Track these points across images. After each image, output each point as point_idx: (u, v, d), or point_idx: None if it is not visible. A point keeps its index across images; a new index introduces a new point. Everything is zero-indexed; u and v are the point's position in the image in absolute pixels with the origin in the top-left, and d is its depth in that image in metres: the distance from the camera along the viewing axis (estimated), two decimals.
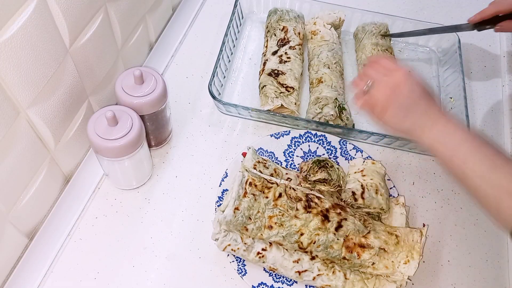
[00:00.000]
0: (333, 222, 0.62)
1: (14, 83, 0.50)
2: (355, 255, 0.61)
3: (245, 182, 0.63)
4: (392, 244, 0.62)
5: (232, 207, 0.61)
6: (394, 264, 0.61)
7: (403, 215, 0.67)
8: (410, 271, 0.60)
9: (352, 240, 0.62)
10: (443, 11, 1.01)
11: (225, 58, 0.83)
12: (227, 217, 0.60)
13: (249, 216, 0.62)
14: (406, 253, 0.61)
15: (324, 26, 0.86)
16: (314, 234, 0.62)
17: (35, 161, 0.60)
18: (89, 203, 0.68)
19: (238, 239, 0.61)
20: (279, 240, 0.62)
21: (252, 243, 0.62)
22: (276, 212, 0.62)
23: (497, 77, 0.91)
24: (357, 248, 0.61)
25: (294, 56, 0.83)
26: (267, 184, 0.65)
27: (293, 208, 0.63)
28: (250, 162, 0.69)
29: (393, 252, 0.62)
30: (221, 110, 0.79)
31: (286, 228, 0.62)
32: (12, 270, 0.61)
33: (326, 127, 0.75)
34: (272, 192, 0.64)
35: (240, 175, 0.64)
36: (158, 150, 0.74)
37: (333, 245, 0.61)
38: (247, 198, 0.62)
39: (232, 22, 0.85)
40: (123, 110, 0.60)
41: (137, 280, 0.62)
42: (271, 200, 0.63)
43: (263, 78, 0.81)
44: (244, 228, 0.61)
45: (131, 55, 0.79)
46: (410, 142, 0.74)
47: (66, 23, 0.56)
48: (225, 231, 0.61)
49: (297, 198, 0.64)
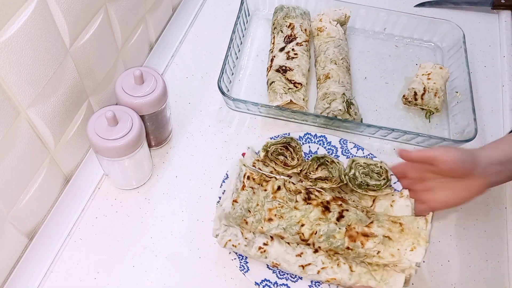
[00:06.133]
0: (334, 213, 0.61)
1: (14, 83, 0.50)
2: (358, 244, 0.59)
3: (243, 175, 0.63)
4: (397, 231, 0.60)
5: (230, 199, 0.60)
6: (400, 252, 0.59)
7: (409, 207, 0.65)
8: (418, 258, 0.58)
9: (355, 229, 0.60)
10: None
11: (233, 55, 0.84)
12: (225, 209, 0.60)
13: (248, 209, 0.61)
14: (412, 240, 0.60)
15: (330, 22, 0.87)
16: (315, 224, 0.60)
17: (35, 161, 0.60)
18: (89, 203, 0.68)
19: (239, 234, 0.61)
20: (279, 232, 0.61)
21: (253, 237, 0.61)
22: (275, 204, 0.62)
23: (497, 77, 0.91)
24: (361, 237, 0.60)
25: (301, 52, 0.83)
26: (265, 177, 0.64)
27: (292, 200, 0.62)
28: (250, 160, 0.68)
29: (398, 239, 0.60)
30: (230, 106, 0.80)
31: (286, 220, 0.61)
32: (12, 270, 0.61)
33: (334, 122, 0.76)
34: (270, 185, 0.63)
35: (238, 168, 0.63)
36: (158, 150, 0.74)
37: (335, 235, 0.60)
38: (245, 191, 0.61)
39: (239, 20, 0.86)
40: (123, 110, 0.60)
41: (137, 280, 0.62)
42: (270, 192, 0.62)
43: (271, 74, 0.82)
44: (243, 221, 0.61)
45: (131, 55, 0.79)
46: (417, 136, 0.75)
47: (66, 23, 0.56)
48: (225, 226, 0.60)
49: (297, 191, 0.63)
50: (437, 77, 0.82)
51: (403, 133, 0.75)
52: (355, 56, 0.91)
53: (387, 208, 0.67)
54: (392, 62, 0.91)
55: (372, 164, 0.69)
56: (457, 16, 0.98)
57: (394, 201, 0.67)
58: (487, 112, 0.85)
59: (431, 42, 0.93)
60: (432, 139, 0.75)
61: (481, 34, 0.91)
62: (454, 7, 1.01)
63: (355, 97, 0.83)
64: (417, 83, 0.82)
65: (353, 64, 0.89)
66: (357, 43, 0.93)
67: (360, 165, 0.69)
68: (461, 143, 0.74)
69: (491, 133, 0.82)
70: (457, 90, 0.83)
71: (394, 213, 0.66)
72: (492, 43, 0.96)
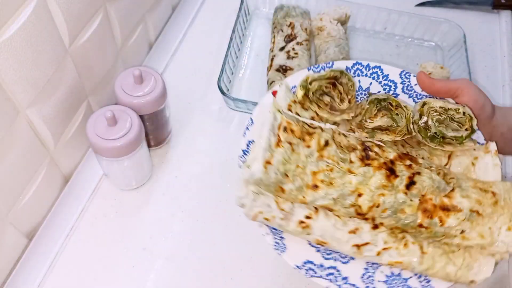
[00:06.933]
0: (403, 178, 0.47)
1: (13, 83, 0.50)
2: (436, 221, 0.46)
3: (278, 126, 0.47)
4: (489, 204, 0.47)
5: (262, 160, 0.45)
6: (493, 232, 0.46)
7: (498, 166, 0.51)
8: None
9: (432, 201, 0.47)
10: None
11: (233, 54, 0.84)
12: (255, 174, 0.45)
13: (285, 173, 0.46)
14: (510, 216, 0.47)
15: (331, 22, 0.87)
16: (378, 195, 0.46)
17: (34, 161, 0.60)
18: (88, 203, 0.68)
19: (273, 204, 0.46)
20: (328, 204, 0.47)
21: (292, 208, 0.47)
22: (322, 166, 0.47)
23: (497, 77, 0.91)
24: (439, 212, 0.46)
25: (301, 51, 0.83)
26: (308, 129, 0.48)
27: (345, 160, 0.47)
28: (284, 102, 0.51)
29: (490, 215, 0.47)
30: (230, 106, 0.80)
31: (338, 188, 0.47)
32: (12, 270, 0.61)
33: None
34: (315, 139, 0.48)
35: (271, 116, 0.47)
36: (158, 150, 0.74)
37: (404, 209, 0.46)
38: (281, 148, 0.46)
39: (239, 19, 0.86)
40: (122, 110, 0.60)
41: (137, 280, 0.62)
42: (315, 150, 0.47)
43: (271, 74, 0.82)
44: (279, 189, 0.46)
45: (131, 55, 0.79)
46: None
47: (65, 23, 0.55)
48: (255, 194, 0.46)
49: (350, 146, 0.49)
50: (437, 77, 0.82)
51: None
52: (356, 55, 0.90)
53: (467, 167, 0.52)
54: (393, 61, 0.90)
55: (451, 109, 0.51)
56: (458, 16, 0.98)
57: (477, 158, 0.52)
58: None
59: (431, 42, 0.93)
60: None
61: (481, 34, 0.90)
62: (454, 7, 1.01)
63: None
64: None
65: None
66: (358, 42, 0.93)
67: (434, 110, 0.52)
68: None
69: None
70: None
71: (477, 175, 0.52)
72: (493, 43, 0.96)
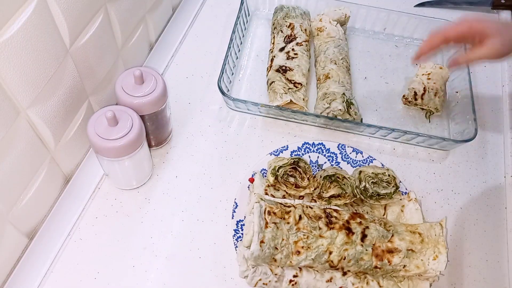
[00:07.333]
0: (357, 233, 0.62)
1: (14, 83, 0.50)
2: (386, 262, 0.61)
3: (264, 212, 0.61)
4: (418, 242, 0.62)
5: (257, 241, 0.58)
6: (424, 262, 0.61)
7: (418, 210, 0.67)
8: (441, 266, 0.60)
9: (380, 248, 0.61)
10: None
11: (233, 55, 0.84)
12: (254, 252, 0.58)
13: (275, 246, 0.59)
14: (433, 248, 0.61)
15: (330, 22, 0.88)
16: (343, 250, 0.61)
17: (35, 161, 0.60)
18: (89, 203, 0.68)
19: (268, 272, 0.60)
20: (309, 263, 0.61)
21: (282, 272, 0.61)
22: (300, 236, 0.61)
23: (497, 77, 0.91)
24: (386, 255, 0.61)
25: (301, 52, 0.84)
26: (285, 209, 0.63)
27: (315, 227, 0.61)
28: (261, 188, 0.67)
29: (420, 250, 0.61)
30: (230, 106, 0.80)
31: (314, 250, 0.60)
32: (12, 270, 0.61)
33: (334, 122, 0.76)
34: (292, 216, 0.62)
35: (258, 206, 0.61)
36: (158, 150, 0.74)
37: (363, 257, 0.61)
38: (269, 228, 0.60)
39: (239, 20, 0.86)
40: (123, 110, 0.60)
41: (137, 280, 0.62)
42: (293, 224, 0.61)
43: (271, 74, 0.82)
44: (272, 259, 0.60)
45: (131, 55, 0.79)
46: (417, 136, 0.75)
47: (66, 23, 0.56)
48: (253, 266, 0.60)
49: (317, 216, 0.63)
50: (437, 77, 0.82)
51: (403, 133, 0.75)
52: (355, 56, 0.91)
53: (398, 213, 0.69)
54: (392, 62, 0.91)
55: (380, 173, 0.69)
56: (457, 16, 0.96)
57: (404, 205, 0.69)
58: (487, 112, 0.85)
59: None
60: (432, 139, 0.75)
61: None
62: (454, 7, 1.01)
63: (355, 97, 0.83)
64: (417, 83, 0.83)
65: (353, 64, 0.89)
66: (357, 43, 0.93)
67: (368, 175, 0.68)
68: (461, 143, 0.74)
69: (491, 133, 0.82)
70: (457, 90, 0.84)
71: (406, 219, 0.67)
72: None
